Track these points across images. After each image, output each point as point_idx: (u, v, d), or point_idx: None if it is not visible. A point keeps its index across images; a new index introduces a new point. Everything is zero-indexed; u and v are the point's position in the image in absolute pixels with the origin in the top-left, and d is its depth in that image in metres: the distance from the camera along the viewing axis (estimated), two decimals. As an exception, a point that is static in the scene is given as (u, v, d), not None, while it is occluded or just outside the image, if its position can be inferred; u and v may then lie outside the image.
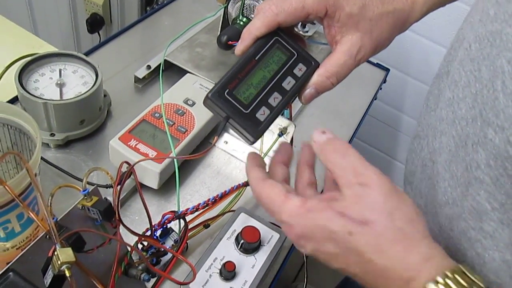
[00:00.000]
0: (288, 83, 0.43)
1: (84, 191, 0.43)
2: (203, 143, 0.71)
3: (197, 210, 0.54)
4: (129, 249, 0.49)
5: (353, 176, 0.34)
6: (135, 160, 0.59)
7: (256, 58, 0.42)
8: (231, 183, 0.68)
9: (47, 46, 0.96)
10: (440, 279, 0.31)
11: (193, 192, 0.66)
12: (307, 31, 0.82)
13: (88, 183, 0.52)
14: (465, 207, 0.40)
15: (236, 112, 0.40)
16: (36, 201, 0.50)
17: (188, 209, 0.54)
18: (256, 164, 0.40)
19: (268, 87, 0.42)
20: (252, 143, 0.42)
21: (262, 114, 0.41)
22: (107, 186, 0.61)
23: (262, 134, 0.41)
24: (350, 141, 0.83)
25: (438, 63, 1.22)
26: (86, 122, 0.67)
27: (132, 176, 0.62)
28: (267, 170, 0.41)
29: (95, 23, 1.56)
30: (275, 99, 0.42)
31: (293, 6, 0.41)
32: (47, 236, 0.40)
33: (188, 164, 0.69)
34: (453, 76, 0.43)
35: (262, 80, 0.42)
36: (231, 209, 0.62)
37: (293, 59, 0.44)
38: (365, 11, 0.43)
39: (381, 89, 0.97)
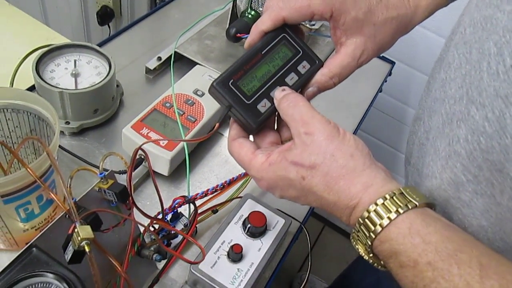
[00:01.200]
0: (291, 79, 0.45)
1: (101, 174, 0.45)
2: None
3: (206, 195, 0.57)
4: (141, 230, 0.51)
5: (301, 125, 0.39)
6: (148, 148, 0.62)
7: (263, 52, 0.44)
8: (238, 171, 0.71)
9: (61, 37, 0.99)
10: (379, 201, 0.36)
11: (202, 180, 0.69)
12: (313, 24, 0.84)
13: (104, 169, 0.55)
14: (444, 179, 0.43)
15: (238, 102, 0.42)
16: (54, 184, 0.53)
17: (197, 194, 0.56)
18: (234, 124, 0.44)
19: (272, 81, 0.44)
20: (251, 133, 0.45)
21: (263, 106, 0.43)
22: (120, 172, 0.63)
23: (261, 125, 0.43)
24: (354, 132, 0.85)
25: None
26: (99, 111, 0.70)
27: (144, 163, 0.65)
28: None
29: (105, 15, 1.58)
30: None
31: (298, 3, 0.43)
32: (67, 216, 0.43)
33: (197, 153, 0.72)
34: (447, 58, 0.45)
35: (266, 73, 0.44)
36: (239, 196, 0.64)
37: (298, 56, 0.46)
38: (370, 16, 0.45)
39: (386, 81, 0.98)
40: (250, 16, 0.77)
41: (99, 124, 0.71)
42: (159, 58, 0.83)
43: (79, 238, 0.38)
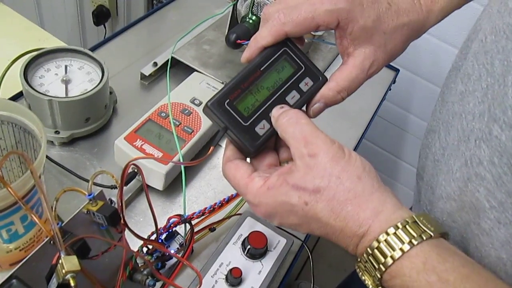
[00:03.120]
0: (292, 98, 0.41)
1: (89, 195, 0.42)
2: (210, 144, 0.70)
3: (203, 214, 0.53)
4: (134, 251, 0.48)
5: (304, 146, 0.36)
6: (141, 161, 0.59)
7: (262, 69, 0.41)
8: (237, 184, 0.67)
9: (53, 39, 0.95)
10: (391, 230, 0.33)
11: (199, 194, 0.65)
12: (316, 31, 0.80)
13: (94, 183, 0.51)
14: (465, 202, 0.40)
15: (234, 124, 0.39)
16: (41, 202, 0.49)
17: (194, 213, 0.53)
18: (230, 144, 0.41)
19: (271, 100, 0.41)
20: (248, 156, 0.41)
21: (262, 128, 0.40)
22: (112, 187, 0.60)
23: (259, 149, 0.40)
24: (358, 143, 0.81)
25: (448, 63, 1.20)
26: (91, 120, 0.66)
27: (137, 177, 0.61)
28: None
29: (101, 15, 1.55)
30: None
31: (302, 16, 0.39)
32: (51, 242, 0.39)
33: (193, 165, 0.68)
34: (466, 69, 0.42)
35: (265, 92, 0.41)
36: (237, 213, 0.61)
37: (300, 72, 0.42)
38: (379, 24, 0.41)
39: (390, 89, 0.95)
40: (251, 21, 0.73)
41: (91, 133, 0.68)
42: (155, 64, 0.79)
43: (63, 271, 0.34)
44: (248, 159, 0.42)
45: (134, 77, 0.79)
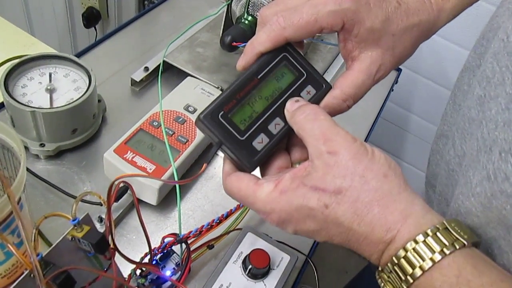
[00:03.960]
0: None
1: (73, 220, 0.38)
2: (206, 152, 0.66)
3: (200, 233, 0.50)
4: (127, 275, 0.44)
5: (323, 143, 0.33)
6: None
7: (259, 77, 0.37)
8: (236, 196, 0.64)
9: (40, 45, 0.90)
10: (420, 238, 0.30)
11: (195, 208, 0.61)
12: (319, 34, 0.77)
13: (81, 200, 0.47)
14: (491, 218, 0.36)
15: (229, 138, 0.35)
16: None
17: (190, 232, 0.49)
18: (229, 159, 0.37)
19: (270, 112, 0.37)
20: (247, 172, 0.37)
21: (260, 142, 0.36)
22: (101, 204, 0.55)
23: (258, 165, 0.36)
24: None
25: (451, 61, 1.16)
26: (78, 131, 0.62)
27: (129, 191, 0.57)
28: None
29: (91, 17, 1.51)
30: (276, 126, 0.37)
31: (304, 19, 0.35)
32: (31, 275, 0.35)
33: (189, 176, 0.64)
34: (485, 71, 0.39)
35: (263, 102, 0.37)
36: (237, 228, 0.57)
37: (301, 80, 0.38)
38: (388, 26, 0.38)
39: (392, 90, 0.91)
40: (247, 22, 0.69)
41: (79, 145, 0.63)
42: (146, 68, 0.75)
43: (43, 311, 0.30)
44: None
45: (124, 83, 0.75)
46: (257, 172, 0.37)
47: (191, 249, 0.52)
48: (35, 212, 0.57)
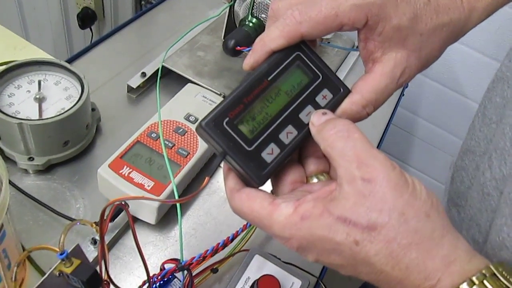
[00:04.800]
0: (307, 115, 0.33)
1: (61, 255, 0.33)
2: (208, 164, 0.61)
3: (204, 259, 0.45)
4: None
5: (356, 167, 0.28)
6: (128, 192, 0.50)
7: (269, 79, 0.32)
8: (241, 212, 0.59)
9: (31, 48, 0.86)
10: (464, 287, 0.26)
11: (197, 226, 0.57)
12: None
13: (70, 219, 0.43)
14: None
15: (235, 149, 0.31)
16: (6, 254, 0.41)
17: (193, 258, 0.44)
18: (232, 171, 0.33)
19: (281, 118, 0.32)
20: (254, 187, 0.33)
21: (270, 153, 0.32)
22: (96, 223, 0.51)
23: (267, 179, 0.32)
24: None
25: (459, 63, 1.11)
26: (70, 143, 0.58)
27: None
28: None
29: (86, 18, 1.46)
30: (288, 135, 0.33)
31: (322, 13, 0.31)
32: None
33: (191, 190, 0.59)
34: None
35: (274, 108, 0.32)
36: (243, 249, 0.52)
37: (317, 82, 0.34)
38: (416, 24, 0.33)
39: (403, 95, 0.87)
40: (251, 24, 0.65)
41: (71, 158, 0.59)
42: (143, 74, 0.70)
43: None
44: None
45: (120, 90, 0.70)
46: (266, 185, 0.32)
47: (194, 273, 0.47)
48: (23, 232, 0.52)
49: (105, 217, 0.36)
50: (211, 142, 0.31)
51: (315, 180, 0.33)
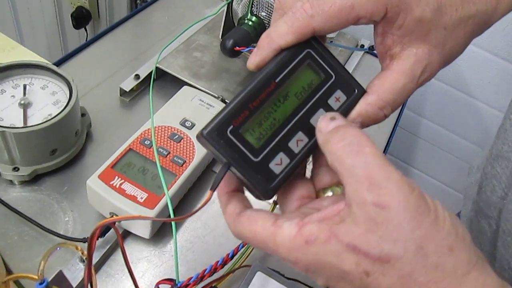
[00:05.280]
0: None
1: (41, 284, 0.30)
2: (206, 172, 0.58)
3: (202, 279, 0.41)
4: None
5: (367, 189, 0.24)
6: (121, 207, 0.47)
7: (277, 80, 0.29)
8: (241, 224, 0.55)
9: (20, 48, 0.82)
10: None
11: (194, 239, 0.53)
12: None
13: (58, 235, 0.39)
14: None
15: (241, 160, 0.28)
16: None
17: (190, 279, 0.41)
18: (229, 193, 0.30)
19: (290, 124, 0.29)
20: (261, 200, 0.30)
21: (278, 164, 0.29)
22: (84, 240, 0.47)
23: (276, 192, 0.29)
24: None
25: (466, 62, 1.07)
26: (58, 152, 0.54)
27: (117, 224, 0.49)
28: None
29: (81, 17, 1.43)
30: (298, 143, 0.30)
31: (337, 5, 0.28)
32: None
33: (187, 200, 0.56)
34: None
35: (282, 113, 0.29)
36: (243, 264, 0.49)
37: (329, 83, 0.31)
38: (440, 16, 0.30)
39: (409, 96, 0.83)
40: (250, 23, 0.61)
41: (59, 168, 0.55)
42: (137, 76, 0.67)
43: None
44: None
45: (112, 93, 0.67)
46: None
47: (191, 293, 0.44)
48: (7, 249, 0.48)
49: (95, 239, 0.33)
50: (214, 152, 0.28)
51: (329, 193, 0.29)
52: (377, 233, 0.24)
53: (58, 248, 0.32)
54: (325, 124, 0.28)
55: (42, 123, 0.50)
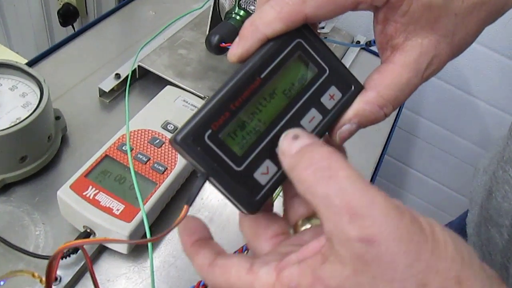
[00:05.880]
0: (311, 120, 0.26)
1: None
2: (191, 180, 0.53)
3: (181, 303, 0.37)
4: None
5: (349, 222, 0.20)
6: (95, 220, 0.42)
7: (262, 76, 0.25)
8: (227, 235, 0.51)
9: (-2, 47, 0.78)
10: None
11: (177, 253, 0.49)
12: (323, 27, 0.64)
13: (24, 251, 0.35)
14: None
15: (221, 170, 0.24)
16: None
17: (168, 303, 0.36)
18: (194, 244, 0.25)
19: (278, 127, 0.25)
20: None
21: (265, 173, 0.25)
22: (46, 257, 0.43)
23: (261, 206, 0.25)
24: (379, 162, 0.66)
25: (465, 59, 1.03)
26: (29, 159, 0.49)
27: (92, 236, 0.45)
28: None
29: (68, 14, 1.38)
30: None
31: None
32: None
33: (169, 209, 0.52)
34: None
35: (269, 113, 0.25)
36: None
37: (322, 78, 0.27)
38: (450, 1, 0.26)
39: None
40: (238, 17, 0.57)
41: (30, 176, 0.51)
42: (118, 76, 0.62)
43: None
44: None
45: (91, 94, 0.62)
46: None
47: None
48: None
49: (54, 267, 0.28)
50: (190, 161, 0.24)
51: (308, 226, 0.25)
52: (369, 273, 0.19)
53: (2, 283, 0.28)
54: (287, 144, 0.23)
55: (9, 127, 0.46)
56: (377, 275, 0.19)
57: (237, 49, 0.26)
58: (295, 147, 0.23)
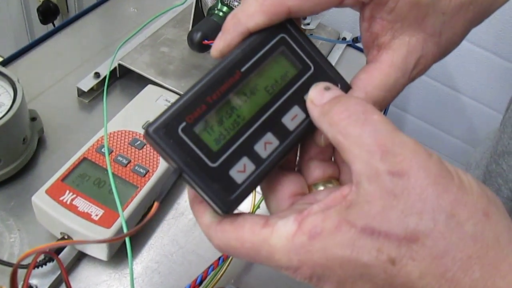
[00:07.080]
0: (293, 118, 0.25)
1: None
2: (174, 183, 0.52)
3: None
4: None
5: (380, 159, 0.21)
6: (70, 225, 0.40)
7: (243, 70, 0.24)
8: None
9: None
10: None
11: (161, 258, 0.47)
12: (308, 24, 0.63)
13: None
14: None
15: (194, 165, 0.23)
16: None
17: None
18: (202, 201, 0.24)
19: (258, 124, 0.25)
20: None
21: (241, 171, 0.24)
22: (24, 266, 0.41)
23: (237, 206, 0.24)
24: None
25: (451, 56, 1.04)
26: (3, 162, 0.47)
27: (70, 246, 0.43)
28: None
29: (48, 11, 1.35)
30: (266, 146, 0.25)
31: None
32: None
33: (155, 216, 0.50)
34: None
35: (248, 108, 0.24)
36: (217, 286, 0.43)
37: (307, 75, 0.26)
38: (437, 0, 0.26)
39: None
40: (221, 14, 0.55)
41: (5, 180, 0.48)
42: (97, 75, 0.60)
43: None
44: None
45: (69, 93, 0.60)
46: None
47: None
48: None
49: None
50: (162, 155, 0.23)
51: (321, 187, 0.26)
52: (398, 207, 0.20)
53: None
54: (319, 94, 0.24)
55: (-21, 130, 0.43)
56: (406, 208, 0.20)
57: (219, 43, 0.25)
58: (327, 96, 0.24)
